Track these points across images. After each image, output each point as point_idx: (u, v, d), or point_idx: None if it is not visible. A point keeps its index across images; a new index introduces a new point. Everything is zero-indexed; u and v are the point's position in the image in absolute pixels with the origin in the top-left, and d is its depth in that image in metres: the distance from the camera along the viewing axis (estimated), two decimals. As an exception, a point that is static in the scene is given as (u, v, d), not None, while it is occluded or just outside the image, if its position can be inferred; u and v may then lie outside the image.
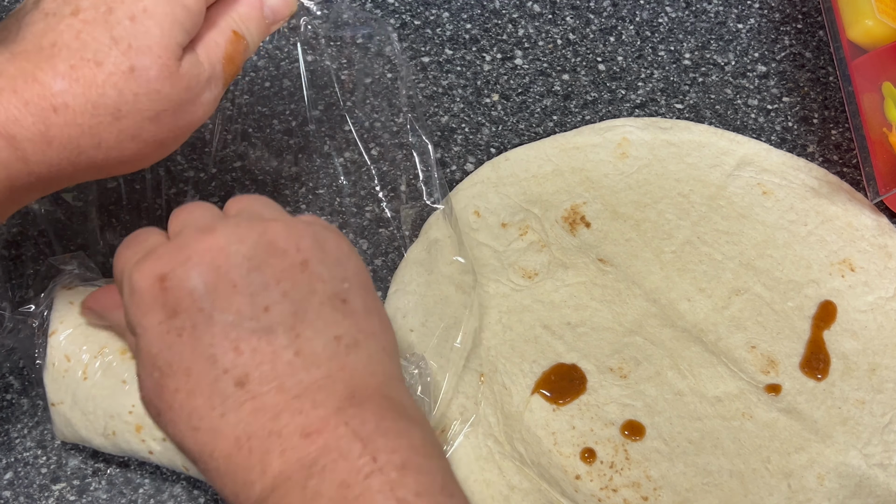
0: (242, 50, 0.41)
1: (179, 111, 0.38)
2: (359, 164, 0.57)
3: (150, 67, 0.36)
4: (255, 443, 0.32)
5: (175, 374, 0.33)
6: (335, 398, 0.33)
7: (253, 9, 0.41)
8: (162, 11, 0.36)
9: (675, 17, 0.64)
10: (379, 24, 0.53)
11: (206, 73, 0.39)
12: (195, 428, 0.33)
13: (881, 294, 0.52)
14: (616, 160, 0.57)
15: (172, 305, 0.33)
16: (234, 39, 0.40)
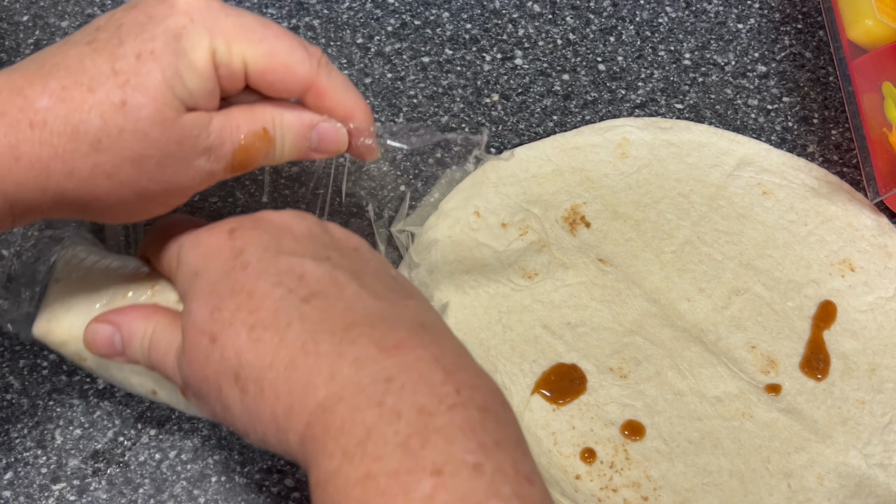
0: (265, 150, 0.39)
1: (165, 163, 0.36)
2: (359, 165, 0.57)
3: (142, 106, 0.34)
4: (324, 347, 0.32)
5: (237, 294, 0.34)
6: (407, 323, 0.33)
7: (299, 123, 0.39)
8: (168, 60, 0.35)
9: (676, 17, 0.64)
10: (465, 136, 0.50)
11: (207, 141, 0.37)
12: (258, 339, 0.33)
13: (881, 294, 0.52)
14: (616, 160, 0.57)
15: (239, 247, 0.35)
16: (261, 135, 0.38)
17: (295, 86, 0.38)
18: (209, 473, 0.47)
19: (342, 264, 0.35)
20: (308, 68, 0.37)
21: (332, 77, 0.38)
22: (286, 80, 0.37)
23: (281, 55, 0.37)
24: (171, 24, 0.35)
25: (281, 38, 0.37)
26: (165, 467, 0.47)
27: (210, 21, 0.36)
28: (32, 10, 0.63)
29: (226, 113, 0.37)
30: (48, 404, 0.48)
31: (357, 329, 0.32)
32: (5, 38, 0.61)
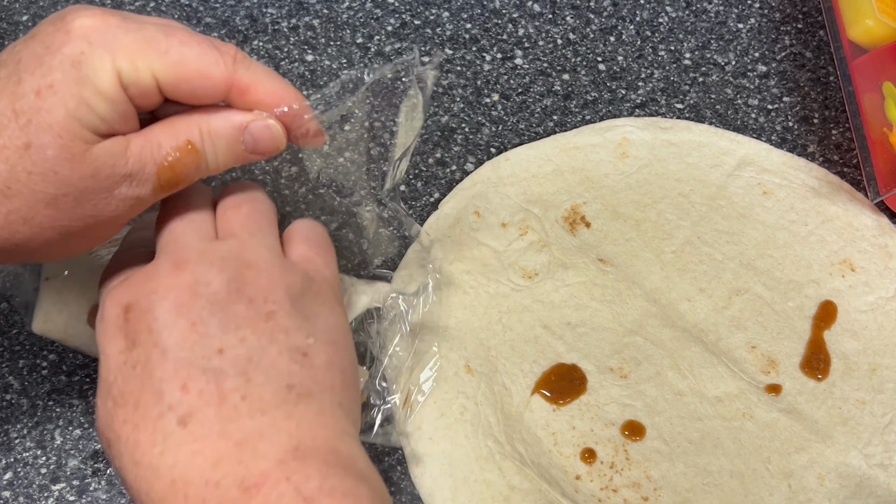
0: (194, 164, 0.36)
1: (83, 199, 0.34)
2: (359, 164, 0.57)
3: (47, 146, 0.32)
4: (191, 490, 0.31)
5: (125, 404, 0.33)
6: (278, 449, 0.32)
7: (228, 127, 0.36)
8: (70, 91, 0.33)
9: (676, 16, 0.64)
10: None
11: (125, 168, 0.34)
12: (136, 462, 0.32)
13: (882, 294, 0.52)
14: (616, 160, 0.57)
15: (132, 336, 0.33)
16: (186, 149, 0.36)
17: (214, 90, 0.35)
18: (209, 474, 0.47)
19: (235, 357, 0.33)
20: (223, 69, 0.35)
21: (253, 70, 0.36)
22: (203, 85, 0.35)
23: (191, 62, 0.34)
24: (69, 52, 0.33)
25: (188, 44, 0.34)
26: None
27: (109, 41, 0.33)
28: (32, 10, 0.63)
29: (145, 133, 0.35)
30: (48, 404, 0.48)
31: (225, 464, 0.31)
32: (5, 38, 0.61)
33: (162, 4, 0.63)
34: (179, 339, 0.33)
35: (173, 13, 0.62)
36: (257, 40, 0.62)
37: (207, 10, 0.63)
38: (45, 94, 0.32)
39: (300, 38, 0.62)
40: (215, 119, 0.36)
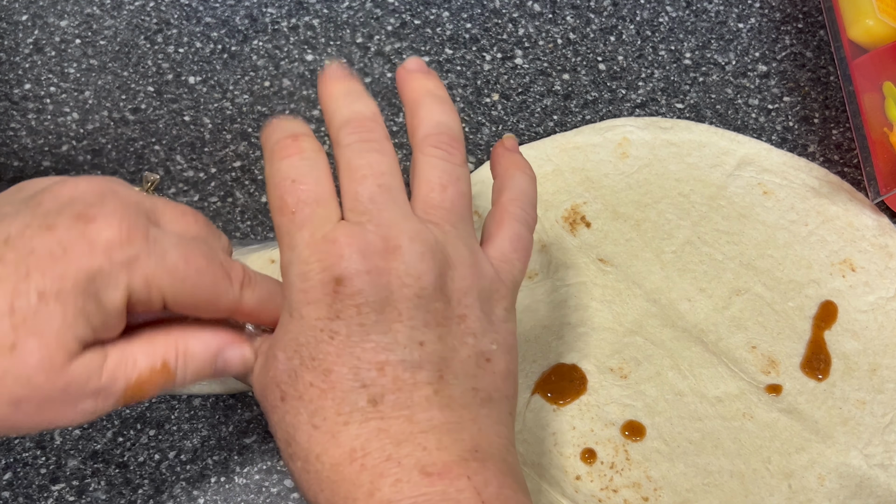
0: (161, 383, 0.35)
1: (46, 407, 0.33)
2: (359, 164, 0.57)
3: (32, 352, 0.31)
4: (369, 461, 0.32)
5: (315, 369, 0.33)
6: (460, 446, 0.33)
7: (204, 351, 0.36)
8: (74, 301, 0.32)
9: (676, 16, 0.64)
10: None
11: (97, 384, 0.33)
12: (315, 426, 0.33)
13: (882, 294, 0.52)
14: (616, 160, 0.57)
15: (337, 309, 0.33)
16: (159, 370, 0.35)
17: (217, 314, 0.36)
18: (208, 474, 0.47)
19: (432, 353, 0.34)
20: (231, 298, 0.35)
21: (257, 292, 0.36)
22: (209, 310, 0.35)
23: (203, 290, 0.34)
24: (86, 265, 0.32)
25: (204, 272, 0.34)
26: (165, 468, 0.47)
27: (130, 261, 0.32)
28: (32, 10, 0.63)
29: (122, 347, 0.34)
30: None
31: (408, 446, 0.32)
32: (4, 38, 0.61)
33: (162, 4, 0.63)
34: (384, 325, 0.33)
35: (173, 13, 0.62)
36: (257, 40, 0.62)
37: (207, 9, 0.63)
38: (49, 300, 0.31)
39: (300, 38, 0.62)
40: (193, 342, 0.36)
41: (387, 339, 0.33)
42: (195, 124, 0.58)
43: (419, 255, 0.34)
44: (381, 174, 0.36)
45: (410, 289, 0.34)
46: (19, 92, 0.59)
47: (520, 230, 0.39)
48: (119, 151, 0.57)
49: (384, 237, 0.34)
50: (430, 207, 0.36)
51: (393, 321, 0.33)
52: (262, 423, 0.48)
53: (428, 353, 0.34)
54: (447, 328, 0.34)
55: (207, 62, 0.61)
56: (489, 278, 0.36)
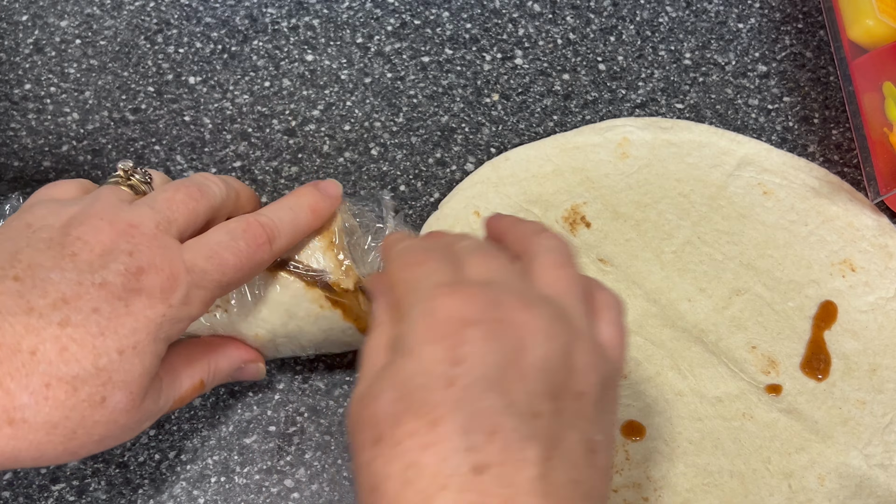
0: (197, 394, 0.42)
1: (122, 437, 0.37)
2: (359, 165, 0.57)
3: (119, 401, 0.35)
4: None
5: (421, 416, 0.30)
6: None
7: (229, 366, 0.43)
8: (150, 349, 0.36)
9: (676, 16, 0.64)
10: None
11: (160, 410, 0.39)
12: (407, 481, 0.29)
13: (882, 294, 0.52)
14: (616, 160, 0.57)
15: (459, 354, 0.30)
16: (198, 387, 0.41)
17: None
18: (209, 474, 0.47)
19: (546, 428, 0.30)
20: (269, 258, 0.40)
21: (283, 236, 0.41)
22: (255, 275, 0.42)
23: (246, 276, 0.40)
24: (153, 315, 0.36)
25: (237, 267, 0.39)
26: (165, 468, 0.47)
27: (185, 299, 0.37)
28: (32, 10, 0.63)
29: (172, 373, 0.39)
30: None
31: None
32: (4, 38, 0.61)
33: (162, 4, 0.63)
34: (505, 386, 0.30)
35: (173, 13, 0.62)
36: (257, 40, 0.62)
37: (207, 9, 0.63)
38: (128, 354, 0.35)
39: (300, 38, 0.62)
40: (223, 360, 0.43)
41: (504, 401, 0.30)
42: (195, 124, 0.58)
43: (553, 315, 0.32)
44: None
45: (539, 350, 0.31)
46: (19, 92, 0.59)
47: (618, 310, 0.36)
48: (119, 151, 0.57)
49: (518, 292, 0.32)
50: (551, 279, 0.35)
51: (515, 381, 0.30)
52: (261, 423, 0.48)
53: (541, 427, 0.30)
54: (564, 404, 0.31)
55: (207, 62, 0.61)
56: (610, 364, 0.34)
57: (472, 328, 0.31)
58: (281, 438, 0.48)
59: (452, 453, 0.29)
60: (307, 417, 0.49)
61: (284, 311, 0.43)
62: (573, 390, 0.32)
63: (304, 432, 0.48)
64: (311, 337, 0.45)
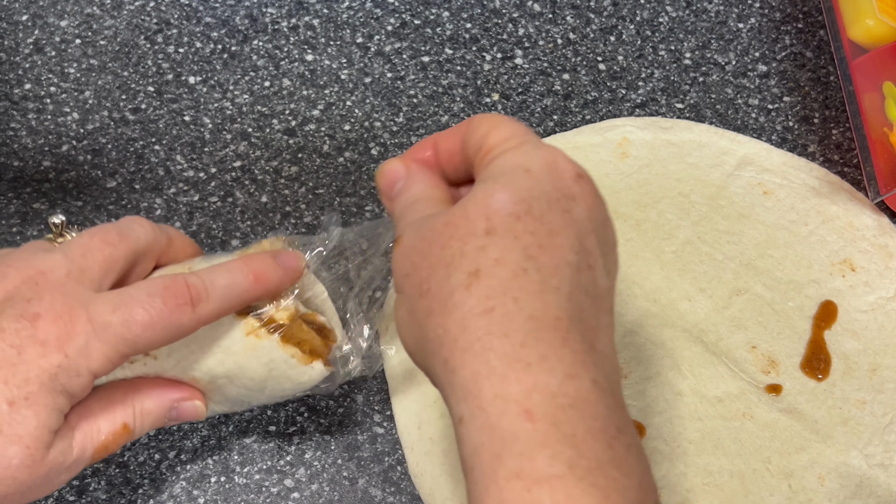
0: (123, 441, 0.38)
1: (28, 494, 0.35)
2: (359, 164, 0.57)
3: (14, 457, 0.33)
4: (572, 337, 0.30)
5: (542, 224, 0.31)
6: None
7: (159, 407, 0.39)
8: (44, 401, 0.33)
9: (676, 16, 0.64)
10: None
11: (72, 459, 0.36)
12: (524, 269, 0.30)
13: (882, 294, 0.52)
14: (616, 160, 0.57)
15: (574, 193, 0.33)
16: (120, 432, 0.38)
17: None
18: (208, 474, 0.47)
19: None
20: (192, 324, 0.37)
21: (212, 302, 0.37)
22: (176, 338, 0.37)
23: (159, 339, 0.36)
24: (46, 365, 0.33)
25: (148, 325, 0.35)
26: (165, 468, 0.47)
27: (84, 349, 0.34)
28: (32, 10, 0.63)
29: (87, 417, 0.37)
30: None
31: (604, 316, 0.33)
32: (4, 38, 0.61)
33: (162, 4, 0.63)
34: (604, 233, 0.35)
35: (173, 13, 0.62)
36: (257, 40, 0.62)
37: (207, 9, 0.63)
38: (20, 406, 0.33)
39: (300, 38, 0.62)
40: (149, 400, 0.39)
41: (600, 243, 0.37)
42: (195, 124, 0.58)
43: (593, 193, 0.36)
44: None
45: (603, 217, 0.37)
46: (19, 92, 0.59)
47: None
48: (119, 151, 0.57)
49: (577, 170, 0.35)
50: None
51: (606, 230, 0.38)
52: (261, 423, 0.48)
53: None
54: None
55: (207, 62, 0.61)
56: None
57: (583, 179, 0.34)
58: (281, 438, 0.48)
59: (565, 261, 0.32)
60: (307, 417, 0.49)
61: (217, 346, 0.39)
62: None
63: (304, 432, 0.48)
64: (253, 374, 0.40)
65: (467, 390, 0.29)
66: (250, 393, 0.41)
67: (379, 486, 0.47)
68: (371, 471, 0.47)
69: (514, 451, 0.28)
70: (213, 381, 0.40)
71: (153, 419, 0.39)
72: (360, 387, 0.50)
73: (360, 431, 0.48)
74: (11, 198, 0.55)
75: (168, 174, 0.56)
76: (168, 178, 0.56)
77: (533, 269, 0.30)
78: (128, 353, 0.35)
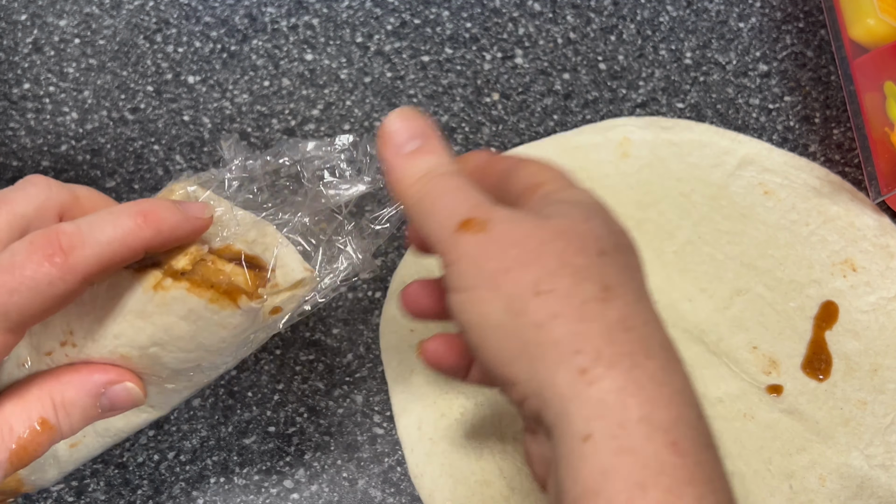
0: (48, 439, 0.32)
1: None
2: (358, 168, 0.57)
3: None
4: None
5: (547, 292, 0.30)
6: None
7: (83, 395, 0.33)
8: None
9: (677, 15, 0.64)
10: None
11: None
12: (546, 291, 0.30)
13: (883, 294, 0.52)
14: (617, 160, 0.56)
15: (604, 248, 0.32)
16: (38, 429, 0.32)
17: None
18: (208, 474, 0.47)
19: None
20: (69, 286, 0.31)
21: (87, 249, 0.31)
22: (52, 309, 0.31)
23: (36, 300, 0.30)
24: None
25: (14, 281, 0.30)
26: (164, 468, 0.47)
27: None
28: (31, 9, 0.62)
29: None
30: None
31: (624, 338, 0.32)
32: (3, 37, 0.61)
33: (161, 3, 0.63)
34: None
35: (173, 12, 0.62)
36: (256, 39, 0.61)
37: (207, 9, 0.63)
38: None
39: (299, 38, 0.62)
40: (69, 388, 0.33)
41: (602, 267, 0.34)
42: (194, 124, 0.58)
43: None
44: None
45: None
46: (18, 91, 0.59)
47: None
48: (118, 151, 0.57)
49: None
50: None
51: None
52: (261, 424, 0.48)
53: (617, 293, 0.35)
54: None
55: (207, 62, 0.60)
56: None
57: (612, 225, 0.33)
58: (280, 439, 0.48)
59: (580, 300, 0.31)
60: (306, 418, 0.48)
61: (127, 311, 0.33)
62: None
63: (304, 433, 0.48)
64: (180, 332, 0.34)
65: (607, 407, 0.28)
66: (194, 356, 0.35)
67: (379, 487, 0.47)
68: (371, 471, 0.47)
69: (660, 484, 0.27)
70: (143, 353, 0.34)
71: (80, 411, 0.33)
72: (360, 387, 0.50)
73: (360, 432, 0.48)
74: (10, 198, 0.55)
75: (167, 174, 0.56)
76: (167, 178, 0.56)
77: (647, 296, 0.32)
78: (10, 329, 0.30)
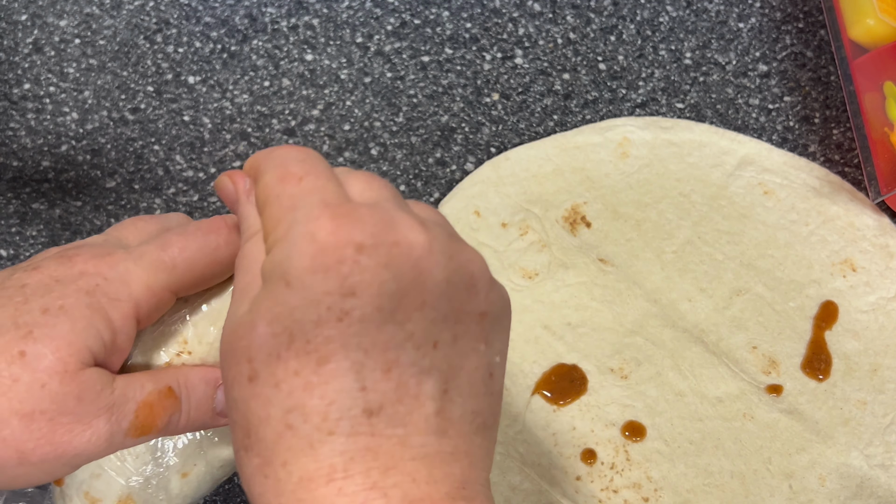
0: (170, 409, 0.34)
1: (59, 421, 0.31)
2: (359, 165, 0.57)
3: (43, 356, 0.30)
4: (349, 485, 0.27)
5: (307, 353, 0.27)
6: (450, 481, 0.28)
7: (203, 382, 0.35)
8: (80, 314, 0.31)
9: (676, 16, 0.64)
10: None
11: (110, 398, 0.32)
12: (289, 426, 0.27)
13: (883, 294, 0.52)
14: (617, 160, 0.57)
15: (352, 285, 0.27)
16: (166, 393, 0.34)
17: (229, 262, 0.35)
18: (208, 474, 0.47)
19: (445, 358, 0.28)
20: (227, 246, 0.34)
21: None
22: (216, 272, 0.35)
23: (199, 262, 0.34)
24: (83, 284, 0.32)
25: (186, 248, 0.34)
26: (164, 468, 0.47)
27: (122, 273, 0.33)
28: (31, 9, 0.62)
29: (128, 375, 0.34)
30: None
31: (396, 475, 0.27)
32: (3, 38, 0.61)
33: (161, 4, 0.63)
34: (403, 315, 0.28)
35: (173, 12, 0.62)
36: (256, 40, 0.61)
37: (207, 9, 0.63)
38: (54, 313, 0.31)
39: (299, 38, 0.62)
40: (192, 373, 0.35)
41: (402, 334, 0.27)
42: (195, 124, 0.58)
43: (445, 234, 0.29)
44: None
45: (441, 270, 0.28)
46: (18, 92, 0.59)
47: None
48: (118, 151, 0.57)
49: (407, 214, 0.29)
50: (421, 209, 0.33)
51: (414, 309, 0.28)
52: (261, 424, 0.48)
53: (439, 357, 0.28)
54: (466, 328, 0.29)
55: (207, 62, 0.61)
56: (504, 290, 0.32)
57: (365, 254, 0.27)
58: (281, 439, 0.48)
59: (342, 394, 0.27)
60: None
61: None
62: (475, 311, 0.29)
63: (304, 433, 0.48)
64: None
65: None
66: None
67: (379, 487, 0.47)
68: (371, 471, 0.47)
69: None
70: None
71: (199, 395, 0.35)
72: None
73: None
74: (10, 198, 0.55)
75: (167, 174, 0.56)
76: (167, 178, 0.56)
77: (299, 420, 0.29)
78: (168, 284, 0.33)
